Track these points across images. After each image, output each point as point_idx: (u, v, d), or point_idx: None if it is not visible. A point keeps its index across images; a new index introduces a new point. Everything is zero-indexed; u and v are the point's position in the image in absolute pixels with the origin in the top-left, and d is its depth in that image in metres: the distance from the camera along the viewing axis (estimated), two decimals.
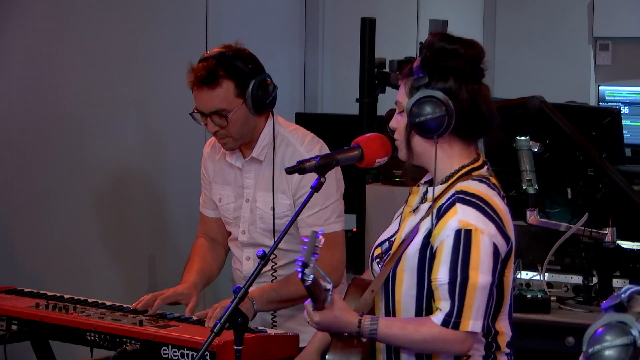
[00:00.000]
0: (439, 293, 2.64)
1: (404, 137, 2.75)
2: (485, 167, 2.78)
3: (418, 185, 2.88)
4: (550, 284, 3.96)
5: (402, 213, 2.87)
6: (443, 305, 2.63)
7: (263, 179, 3.47)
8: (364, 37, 4.96)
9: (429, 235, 2.68)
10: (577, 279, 3.92)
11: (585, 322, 3.70)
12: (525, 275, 3.97)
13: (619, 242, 3.82)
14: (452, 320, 2.62)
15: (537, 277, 3.95)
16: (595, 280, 3.84)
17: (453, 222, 2.64)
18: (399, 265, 2.71)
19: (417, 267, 2.69)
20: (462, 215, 2.64)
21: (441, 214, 2.67)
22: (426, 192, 2.81)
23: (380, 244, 2.86)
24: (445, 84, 2.69)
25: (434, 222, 2.68)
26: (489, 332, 2.73)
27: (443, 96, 2.67)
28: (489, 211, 2.66)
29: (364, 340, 2.71)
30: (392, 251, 2.75)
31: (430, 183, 2.83)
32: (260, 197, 3.46)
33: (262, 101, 3.39)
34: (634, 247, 3.86)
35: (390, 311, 2.75)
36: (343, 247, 3.44)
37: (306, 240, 2.56)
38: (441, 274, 2.63)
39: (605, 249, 3.81)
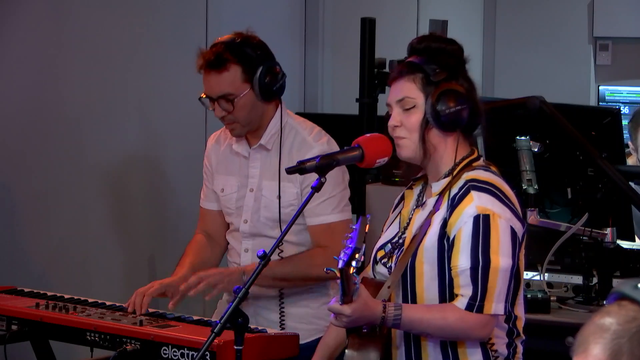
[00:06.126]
0: (459, 280, 2.66)
1: (418, 132, 2.75)
2: (481, 158, 2.82)
3: (411, 188, 2.89)
4: (550, 284, 3.95)
5: (399, 214, 2.88)
6: (465, 291, 2.65)
7: (269, 168, 3.47)
8: (364, 37, 4.96)
9: (444, 225, 2.70)
10: (577, 279, 3.91)
11: (585, 322, 3.69)
12: (525, 275, 3.96)
13: (618, 242, 3.82)
14: (476, 304, 2.64)
15: (537, 277, 3.95)
16: (595, 280, 3.84)
17: (470, 209, 2.67)
18: (417, 258, 2.72)
19: (437, 258, 2.70)
20: (478, 202, 2.67)
21: (455, 203, 2.69)
22: (422, 189, 2.84)
23: (382, 247, 2.87)
24: (457, 81, 2.75)
25: (449, 211, 2.69)
26: (509, 318, 2.76)
27: (464, 89, 2.74)
28: (502, 197, 2.70)
29: (383, 332, 2.69)
30: (405, 247, 2.75)
31: (425, 180, 2.84)
32: (266, 186, 3.46)
33: (270, 88, 3.39)
34: (634, 247, 3.85)
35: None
36: None
37: (356, 226, 2.53)
38: (462, 260, 2.66)
39: (605, 249, 3.80)
